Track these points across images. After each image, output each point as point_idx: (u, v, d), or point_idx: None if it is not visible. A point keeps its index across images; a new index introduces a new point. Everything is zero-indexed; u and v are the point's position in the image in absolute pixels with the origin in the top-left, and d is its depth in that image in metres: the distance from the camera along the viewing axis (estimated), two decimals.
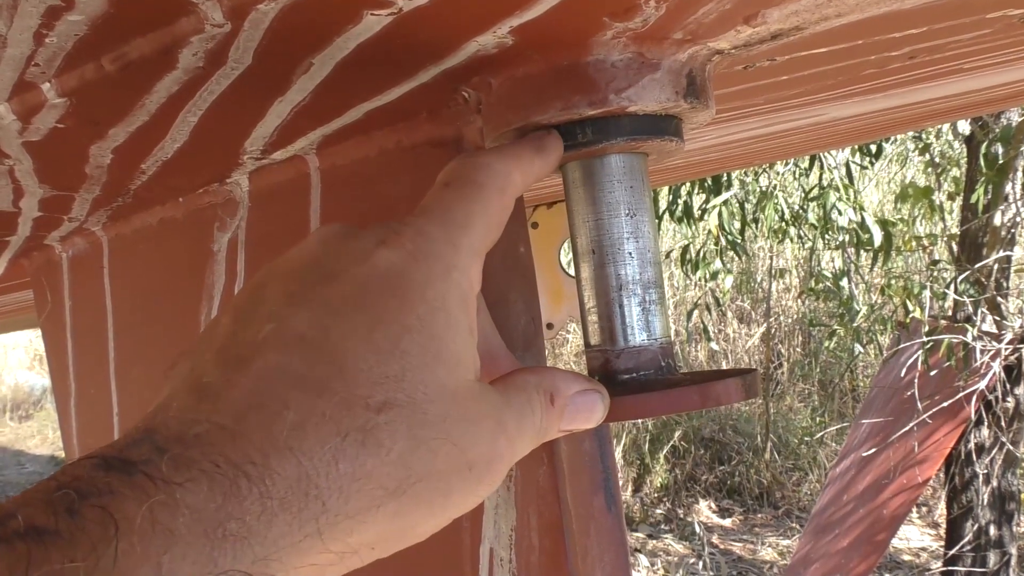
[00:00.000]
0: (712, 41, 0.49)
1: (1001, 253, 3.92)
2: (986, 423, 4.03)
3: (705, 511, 6.51)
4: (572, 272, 1.76)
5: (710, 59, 0.51)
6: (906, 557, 5.58)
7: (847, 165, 4.42)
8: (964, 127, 4.23)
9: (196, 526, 0.30)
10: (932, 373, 3.84)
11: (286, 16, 0.41)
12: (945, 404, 3.74)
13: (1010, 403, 3.95)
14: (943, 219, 5.01)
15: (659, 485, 6.69)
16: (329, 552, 0.35)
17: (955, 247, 4.29)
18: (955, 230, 4.49)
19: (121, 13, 0.40)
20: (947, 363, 3.70)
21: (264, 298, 0.39)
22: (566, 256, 1.81)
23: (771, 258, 7.52)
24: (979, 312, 3.88)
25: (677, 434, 6.79)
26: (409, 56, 0.48)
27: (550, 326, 1.87)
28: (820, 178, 4.47)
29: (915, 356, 3.85)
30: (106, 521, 0.29)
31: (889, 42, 0.64)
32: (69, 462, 0.32)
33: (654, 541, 6.06)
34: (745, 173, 4.58)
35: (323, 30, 0.43)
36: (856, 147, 4.43)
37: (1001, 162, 3.59)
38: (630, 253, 0.51)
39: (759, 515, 6.44)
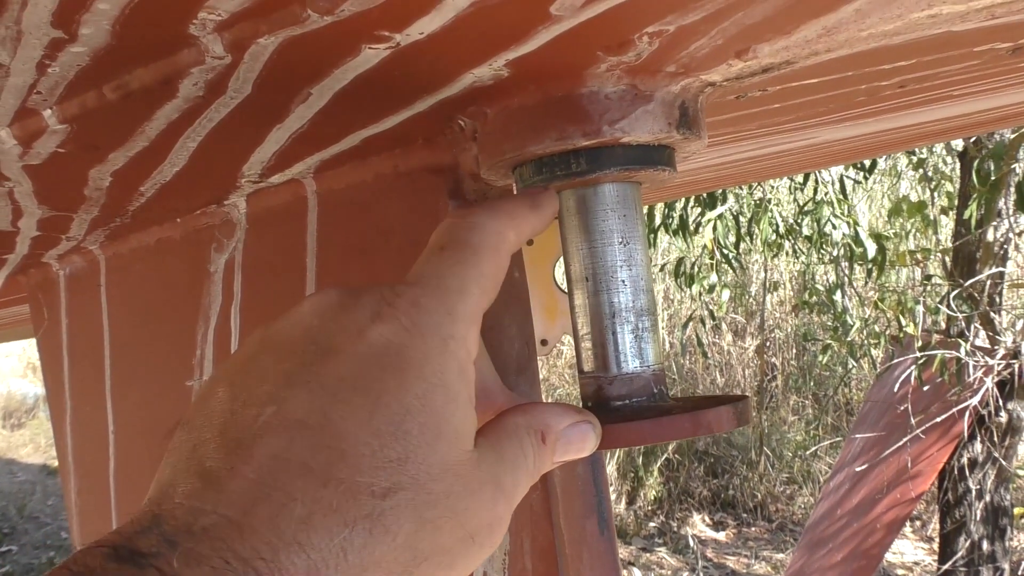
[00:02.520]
0: (704, 74, 0.50)
1: (994, 269, 3.93)
2: (979, 438, 4.04)
3: (699, 524, 6.51)
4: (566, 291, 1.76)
5: (702, 91, 0.52)
6: (900, 572, 5.58)
7: (841, 180, 4.44)
8: (957, 143, 4.25)
9: None
10: (925, 388, 3.85)
11: (285, 49, 0.42)
12: (938, 419, 3.75)
13: (1003, 418, 3.96)
14: (936, 234, 5.03)
15: (653, 498, 6.69)
16: None
17: (948, 262, 4.30)
18: (948, 245, 4.50)
19: (123, 45, 0.41)
20: (940, 378, 3.71)
21: (262, 374, 0.39)
22: (560, 271, 1.82)
23: (765, 271, 7.54)
24: (972, 327, 3.90)
25: (671, 447, 6.79)
26: (406, 87, 0.49)
27: (544, 342, 1.87)
28: (815, 192, 4.49)
29: (908, 371, 3.86)
30: None
31: (879, 73, 0.65)
32: (78, 538, 0.33)
33: (648, 554, 6.05)
34: (740, 187, 4.59)
35: (322, 63, 0.44)
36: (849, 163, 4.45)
37: (994, 178, 3.61)
38: (623, 281, 0.52)
39: (753, 529, 6.44)
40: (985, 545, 4.16)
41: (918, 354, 3.78)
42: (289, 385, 0.38)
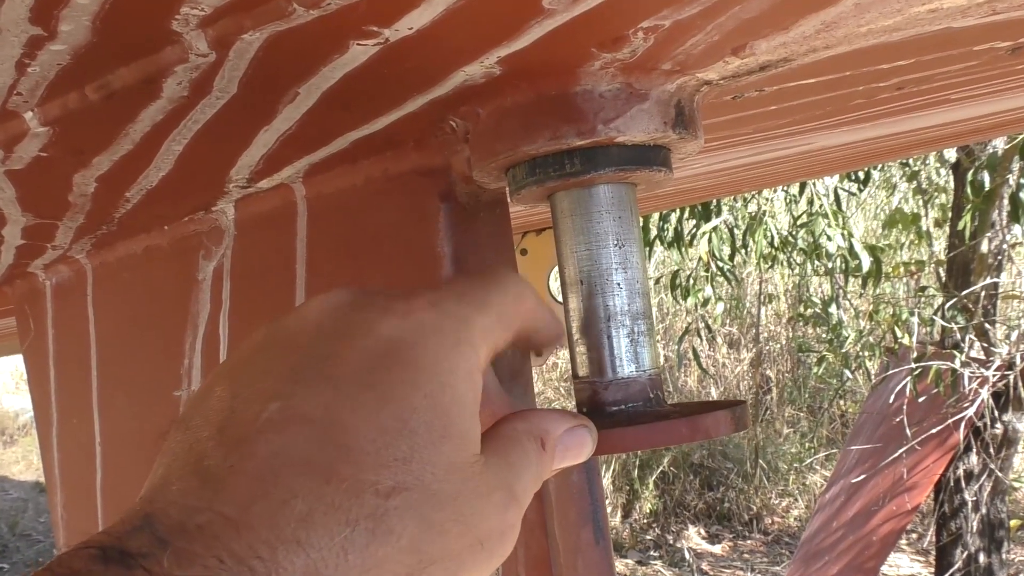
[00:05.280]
0: (700, 72, 0.49)
1: (988, 280, 3.94)
2: (975, 450, 4.03)
3: (694, 537, 6.49)
4: (561, 298, 1.75)
5: (698, 90, 0.51)
6: None
7: (835, 191, 4.44)
8: (950, 155, 4.26)
9: None
10: (921, 400, 3.85)
11: (271, 46, 0.41)
12: (934, 431, 3.75)
13: (998, 430, 3.96)
14: (931, 245, 5.04)
15: (648, 511, 6.67)
16: None
17: (943, 274, 4.31)
18: (942, 256, 4.51)
19: (104, 43, 0.40)
20: (935, 390, 3.70)
21: (266, 370, 0.38)
22: (555, 282, 1.81)
23: (760, 284, 7.54)
24: (967, 339, 3.90)
25: (666, 460, 6.77)
26: (396, 86, 0.48)
27: (539, 353, 1.86)
28: (810, 204, 4.49)
29: (904, 382, 3.86)
30: None
31: (877, 73, 0.64)
32: (64, 550, 0.31)
33: (643, 567, 6.03)
34: (734, 199, 4.60)
35: (309, 60, 0.43)
36: (844, 174, 4.46)
37: (987, 190, 3.61)
38: (618, 284, 0.51)
39: (749, 541, 6.42)
40: (982, 558, 4.15)
41: (913, 365, 3.78)
42: (294, 381, 0.36)
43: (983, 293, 3.95)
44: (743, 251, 4.74)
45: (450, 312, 0.40)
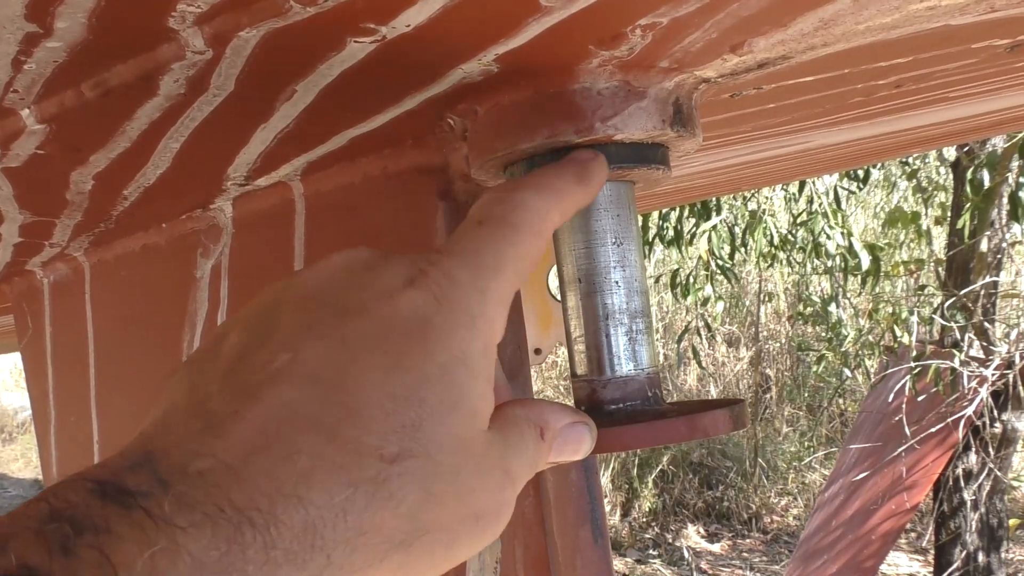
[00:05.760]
0: (699, 69, 0.49)
1: (987, 279, 3.94)
2: (974, 449, 4.03)
3: (693, 536, 6.49)
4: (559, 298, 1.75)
5: (697, 87, 0.51)
6: None
7: (835, 190, 4.44)
8: (950, 153, 4.26)
9: (196, 575, 0.29)
10: (920, 398, 3.85)
11: (268, 43, 0.41)
12: (933, 430, 3.75)
13: (997, 429, 3.96)
14: (930, 244, 5.04)
15: (647, 509, 6.67)
16: None
17: (942, 272, 4.31)
18: (942, 255, 4.51)
19: (100, 40, 0.40)
20: (935, 388, 3.70)
21: (279, 321, 0.37)
22: (555, 281, 1.81)
23: (760, 282, 7.54)
24: (966, 337, 3.90)
25: (666, 458, 6.78)
26: (393, 83, 0.48)
27: (538, 351, 1.86)
28: (811, 203, 4.50)
29: (903, 381, 3.86)
30: (103, 565, 0.28)
31: (876, 71, 0.64)
32: (60, 480, 0.31)
33: (642, 566, 6.03)
34: (734, 198, 4.60)
35: (306, 57, 0.43)
36: (844, 172, 4.46)
37: (987, 188, 3.61)
38: (617, 282, 0.51)
39: (748, 540, 6.42)
40: (981, 557, 4.15)
41: (912, 364, 3.78)
42: (308, 336, 0.36)
43: (982, 292, 3.95)
44: (743, 250, 4.74)
45: (465, 283, 0.39)
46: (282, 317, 0.38)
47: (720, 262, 4.45)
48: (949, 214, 4.42)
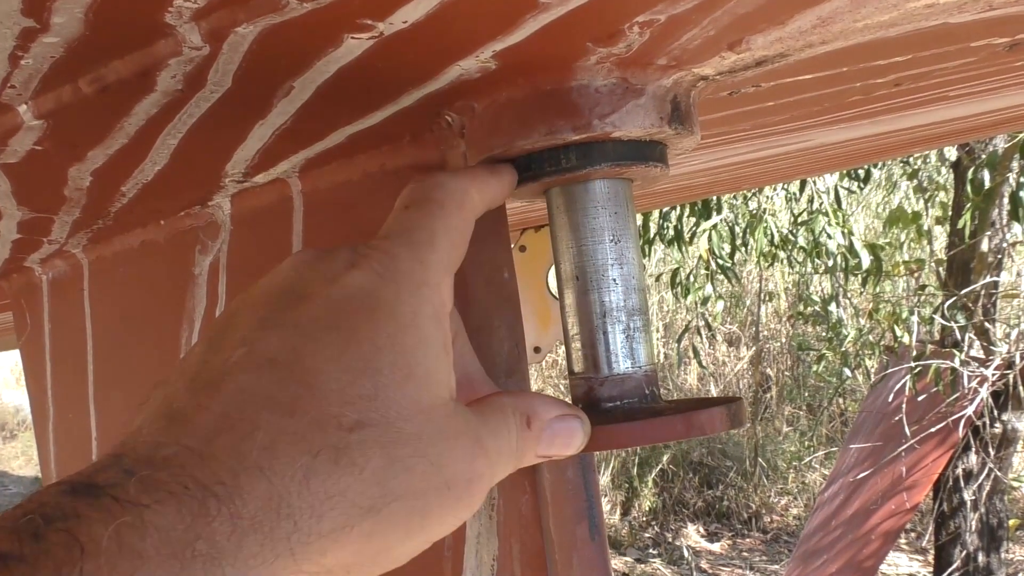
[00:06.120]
0: (697, 67, 0.49)
1: (988, 279, 3.94)
2: (974, 449, 4.03)
3: (693, 535, 6.49)
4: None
5: (695, 85, 0.51)
6: None
7: (836, 189, 4.44)
8: (951, 153, 4.26)
9: (164, 547, 0.30)
10: (920, 398, 3.85)
11: (265, 39, 0.41)
12: (933, 429, 3.75)
13: (998, 429, 3.96)
14: (931, 244, 5.03)
15: (647, 509, 6.67)
16: (302, 573, 0.34)
17: (942, 272, 4.31)
18: (942, 255, 4.51)
19: (98, 35, 0.40)
20: (935, 388, 3.70)
21: (236, 325, 0.39)
22: (553, 279, 1.81)
23: (760, 282, 7.54)
24: (966, 337, 3.90)
25: (666, 457, 6.78)
26: (391, 80, 0.48)
27: (537, 350, 1.87)
28: (812, 202, 4.49)
29: (903, 381, 3.85)
30: (71, 544, 0.28)
31: (874, 69, 0.64)
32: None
33: (642, 565, 6.03)
34: (735, 197, 4.60)
35: (303, 54, 0.43)
36: (844, 172, 4.46)
37: (987, 188, 3.61)
38: (614, 280, 0.51)
39: (747, 539, 6.43)
40: (980, 557, 4.15)
41: (913, 364, 3.78)
42: (261, 328, 0.38)
43: (983, 292, 3.95)
44: (743, 249, 4.74)
45: (405, 257, 0.41)
46: (239, 321, 0.39)
47: (721, 261, 4.45)
48: (950, 214, 4.41)
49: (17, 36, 0.39)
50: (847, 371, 4.90)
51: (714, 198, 4.28)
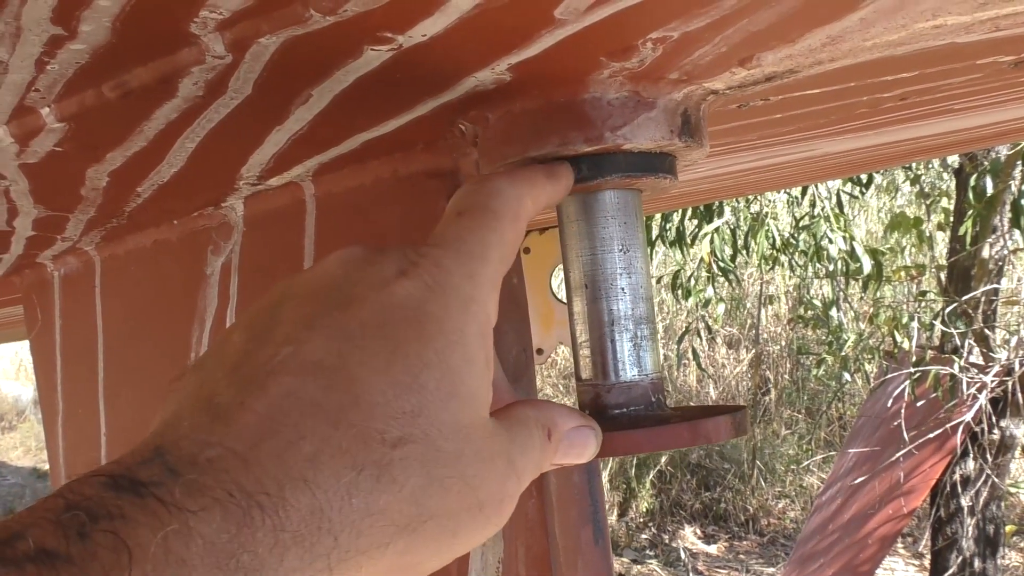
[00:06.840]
0: (707, 82, 0.50)
1: (989, 286, 3.94)
2: (972, 455, 4.04)
3: (690, 537, 6.50)
4: (563, 298, 1.77)
5: (705, 98, 0.52)
6: None
7: (838, 194, 4.45)
8: (953, 159, 4.26)
9: (209, 557, 0.30)
10: (919, 404, 3.85)
11: (287, 50, 0.41)
12: (931, 435, 3.75)
13: (996, 435, 3.96)
14: (932, 250, 5.04)
15: (645, 510, 6.68)
16: None
17: (943, 278, 4.31)
18: (943, 261, 4.51)
19: (123, 43, 0.41)
20: (934, 394, 3.71)
21: (281, 318, 0.38)
22: (557, 281, 1.82)
23: (761, 285, 7.54)
24: (966, 344, 3.90)
25: (664, 459, 6.78)
26: (407, 90, 0.48)
27: (540, 351, 1.87)
28: (812, 206, 4.50)
29: (902, 386, 3.86)
30: (119, 548, 0.28)
31: (881, 84, 0.65)
32: (72, 479, 0.32)
33: (639, 566, 6.04)
34: (737, 200, 4.60)
35: (323, 64, 0.44)
36: (847, 177, 4.46)
37: (989, 195, 3.62)
38: (623, 288, 0.51)
39: (744, 542, 6.43)
40: (977, 563, 4.16)
41: (912, 369, 3.79)
42: (309, 328, 0.37)
43: (983, 299, 3.95)
44: (744, 252, 4.74)
45: (455, 271, 0.40)
46: (283, 315, 0.39)
47: (722, 264, 4.45)
48: (951, 220, 4.42)
49: (45, 43, 0.40)
50: (846, 375, 4.90)
51: (716, 202, 4.29)
